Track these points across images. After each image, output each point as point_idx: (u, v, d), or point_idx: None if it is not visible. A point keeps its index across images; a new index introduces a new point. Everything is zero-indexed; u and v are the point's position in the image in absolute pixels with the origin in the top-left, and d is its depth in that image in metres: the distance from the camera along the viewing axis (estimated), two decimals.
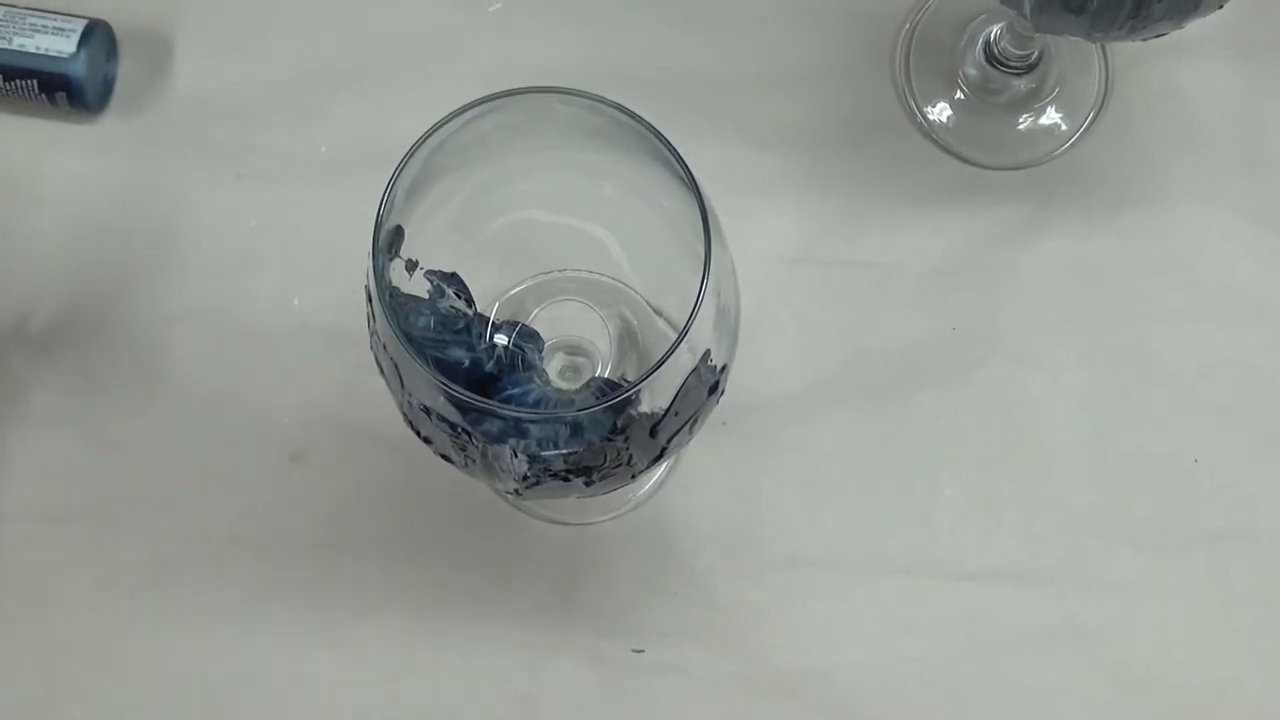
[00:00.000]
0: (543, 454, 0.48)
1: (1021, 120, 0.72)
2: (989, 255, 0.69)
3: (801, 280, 0.69)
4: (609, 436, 0.48)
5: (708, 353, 0.48)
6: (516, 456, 0.47)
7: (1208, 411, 0.68)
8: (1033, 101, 0.72)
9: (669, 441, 0.49)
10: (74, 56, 0.69)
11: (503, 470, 0.48)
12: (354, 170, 0.69)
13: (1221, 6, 0.58)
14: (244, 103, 0.72)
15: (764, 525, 0.66)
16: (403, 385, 0.48)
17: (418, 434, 0.50)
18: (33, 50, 0.69)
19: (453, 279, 0.51)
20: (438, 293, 0.51)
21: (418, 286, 0.51)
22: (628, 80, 0.70)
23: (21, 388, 0.68)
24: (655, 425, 0.48)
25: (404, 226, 0.49)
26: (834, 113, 0.72)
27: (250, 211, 0.70)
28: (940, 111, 0.72)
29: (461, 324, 0.51)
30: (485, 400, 0.46)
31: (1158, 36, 0.59)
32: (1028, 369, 0.68)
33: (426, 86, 0.71)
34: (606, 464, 0.49)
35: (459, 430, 0.47)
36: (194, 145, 0.71)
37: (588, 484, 0.49)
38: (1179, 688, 0.65)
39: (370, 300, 0.48)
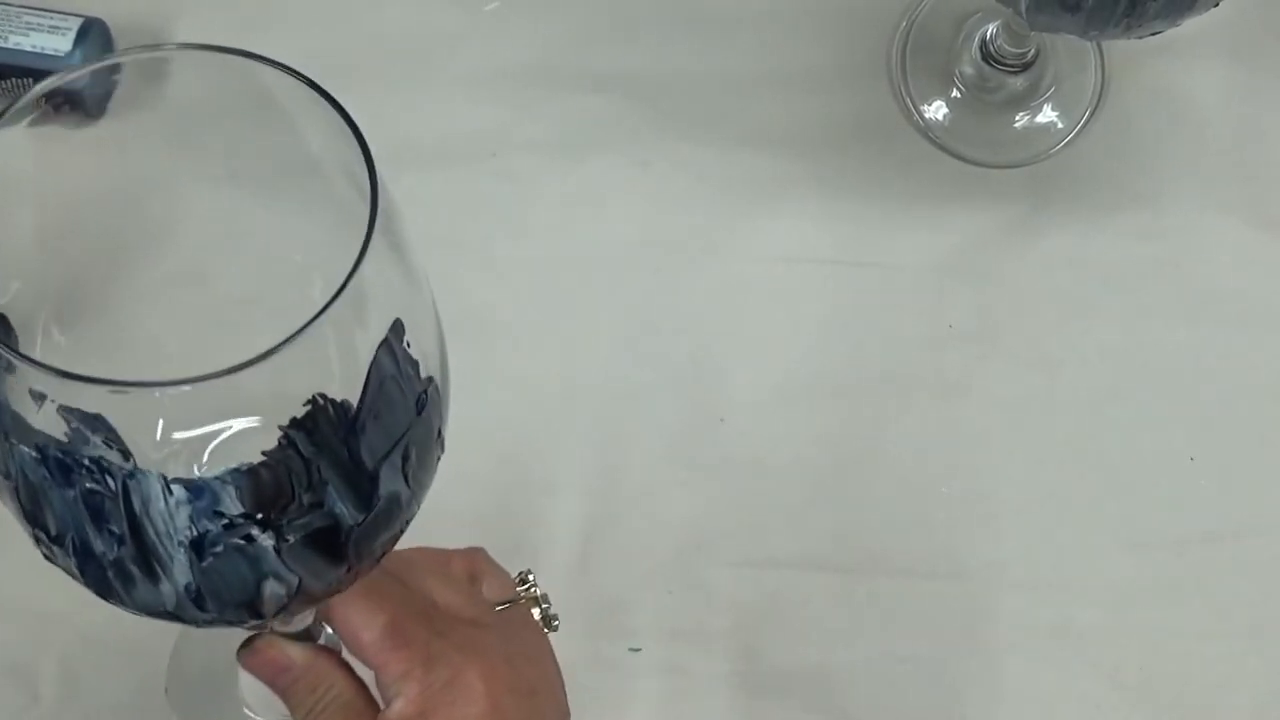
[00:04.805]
0: (204, 479, 0.36)
1: (1018, 118, 0.72)
2: (985, 253, 0.69)
3: (798, 279, 0.69)
4: (285, 441, 0.36)
5: (400, 324, 0.38)
6: (170, 493, 0.36)
7: (1204, 410, 0.68)
8: (1029, 100, 0.72)
9: (379, 464, 0.38)
10: (69, 55, 0.69)
11: (160, 536, 0.37)
12: None
13: (1217, 5, 0.58)
14: (241, 103, 0.71)
15: (763, 525, 0.66)
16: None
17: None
18: (28, 49, 0.68)
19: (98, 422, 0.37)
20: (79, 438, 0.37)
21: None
22: (625, 81, 0.71)
23: None
24: (350, 430, 0.37)
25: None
26: (831, 112, 0.72)
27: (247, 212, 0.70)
28: (937, 110, 0.72)
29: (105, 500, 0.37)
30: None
31: (1153, 34, 0.59)
32: (1025, 367, 0.68)
33: (424, 86, 0.71)
34: (296, 499, 0.37)
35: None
36: (191, 145, 0.71)
37: (281, 541, 0.37)
38: (1176, 687, 0.64)
39: None
